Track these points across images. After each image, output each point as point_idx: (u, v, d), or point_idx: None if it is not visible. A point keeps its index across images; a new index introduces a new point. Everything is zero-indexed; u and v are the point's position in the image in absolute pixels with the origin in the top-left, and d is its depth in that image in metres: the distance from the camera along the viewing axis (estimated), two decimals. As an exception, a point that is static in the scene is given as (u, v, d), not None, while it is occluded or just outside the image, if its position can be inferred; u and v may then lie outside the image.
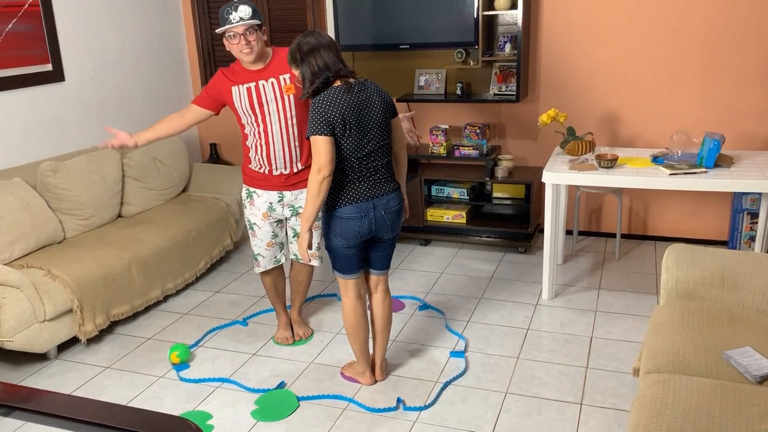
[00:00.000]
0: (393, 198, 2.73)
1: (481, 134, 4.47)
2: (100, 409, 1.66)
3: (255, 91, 2.97)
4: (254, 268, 3.30)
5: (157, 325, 3.66)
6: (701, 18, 4.11)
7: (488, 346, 3.30)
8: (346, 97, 2.57)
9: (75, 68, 4.26)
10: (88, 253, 3.52)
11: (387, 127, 2.70)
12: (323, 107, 2.54)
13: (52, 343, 3.24)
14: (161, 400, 2.95)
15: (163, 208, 4.30)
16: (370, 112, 2.63)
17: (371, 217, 2.68)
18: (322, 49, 2.58)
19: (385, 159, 2.70)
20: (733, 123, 4.22)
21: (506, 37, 4.43)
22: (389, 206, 2.72)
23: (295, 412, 2.82)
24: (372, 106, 2.63)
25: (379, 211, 2.70)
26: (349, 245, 2.73)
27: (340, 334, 3.47)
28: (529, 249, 4.51)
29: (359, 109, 2.59)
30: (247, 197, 3.18)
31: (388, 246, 2.84)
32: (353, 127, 2.58)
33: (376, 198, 2.69)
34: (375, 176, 2.68)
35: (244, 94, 2.98)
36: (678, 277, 2.69)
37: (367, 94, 2.63)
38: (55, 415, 1.61)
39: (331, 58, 2.58)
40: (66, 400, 1.73)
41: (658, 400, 2.03)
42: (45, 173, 3.70)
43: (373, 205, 2.68)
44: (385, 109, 2.69)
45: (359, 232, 2.69)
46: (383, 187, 2.71)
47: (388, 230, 2.76)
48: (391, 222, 2.75)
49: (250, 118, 3.02)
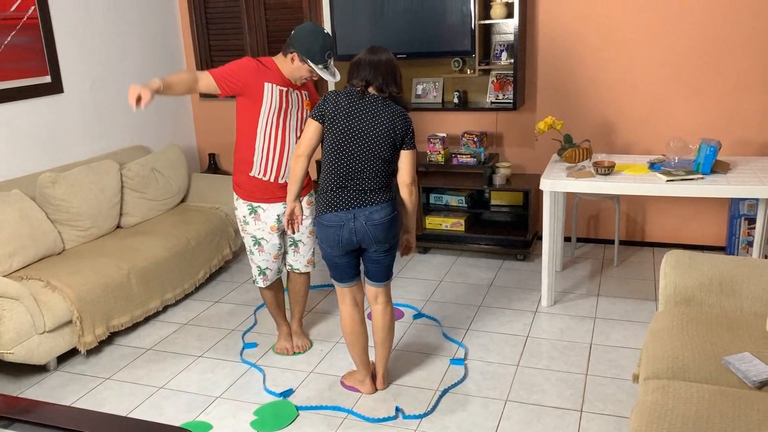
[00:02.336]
0: (378, 210, 2.68)
1: (478, 142, 4.48)
2: (102, 421, 1.66)
3: (285, 96, 3.01)
4: (260, 283, 3.26)
5: (156, 336, 3.66)
6: (697, 26, 4.14)
7: (488, 354, 3.30)
8: (354, 100, 2.68)
9: (74, 80, 4.28)
10: (87, 264, 3.52)
11: (385, 147, 2.68)
12: (326, 98, 2.71)
13: (52, 355, 3.24)
14: (162, 411, 2.95)
15: (162, 218, 4.31)
16: (370, 126, 2.66)
17: (351, 227, 2.67)
18: (380, 66, 2.70)
19: (374, 171, 2.68)
20: (729, 129, 4.24)
21: (503, 46, 4.46)
22: (372, 218, 2.68)
23: (294, 421, 2.82)
24: (375, 122, 2.67)
25: (360, 221, 2.67)
26: (334, 253, 2.76)
27: (340, 343, 3.47)
28: (528, 256, 4.52)
29: (360, 115, 2.67)
30: (250, 213, 3.13)
31: (381, 258, 2.79)
32: (344, 126, 2.66)
33: (358, 208, 2.67)
34: (359, 186, 2.68)
35: (276, 95, 2.98)
36: (676, 283, 2.70)
37: (378, 110, 2.68)
38: (56, 427, 1.61)
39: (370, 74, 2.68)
40: (67, 412, 1.73)
41: (658, 407, 2.03)
42: (44, 185, 3.71)
43: (353, 215, 2.67)
44: (392, 131, 2.67)
45: (339, 241, 2.70)
46: (368, 198, 2.68)
47: (372, 242, 2.71)
48: (374, 234, 2.69)
49: (272, 119, 3.00)
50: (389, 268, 2.85)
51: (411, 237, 2.92)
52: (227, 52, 5.18)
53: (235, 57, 5.09)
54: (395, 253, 2.85)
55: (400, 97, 2.75)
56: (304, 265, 3.29)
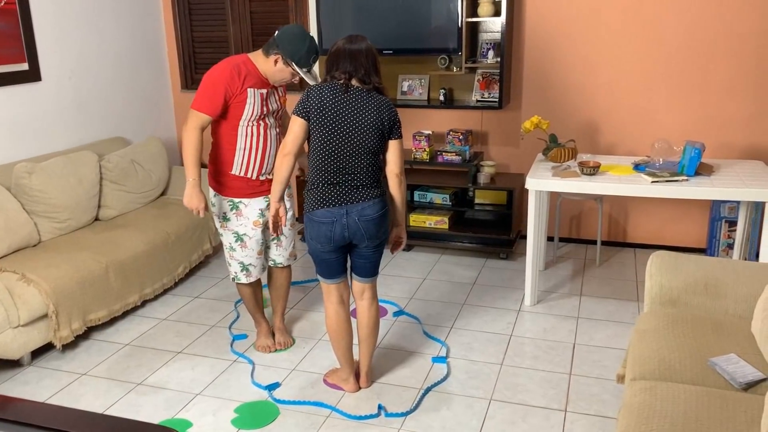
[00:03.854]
0: (371, 206, 2.66)
1: (464, 140, 4.46)
2: (79, 419, 1.60)
3: (266, 98, 2.98)
4: (242, 279, 3.18)
5: (135, 331, 3.59)
6: (681, 29, 4.16)
7: (471, 353, 3.28)
8: (338, 94, 2.60)
9: (52, 68, 4.18)
10: (64, 256, 3.43)
11: (374, 140, 2.64)
12: (311, 92, 2.62)
13: (26, 350, 3.15)
14: (140, 408, 2.88)
15: (142, 211, 4.23)
16: (357, 120, 2.60)
17: (343, 223, 2.64)
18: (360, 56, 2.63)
19: (364, 165, 2.64)
20: (711, 132, 4.27)
21: (489, 44, 4.44)
22: (364, 214, 2.65)
23: (276, 420, 2.78)
24: (362, 115, 2.61)
25: (353, 217, 2.64)
26: (324, 249, 2.70)
27: (323, 340, 3.43)
28: (511, 255, 4.52)
29: (346, 109, 2.60)
30: (231, 209, 3.08)
31: (370, 254, 2.76)
32: (331, 122, 2.60)
33: (350, 204, 2.64)
34: (351, 182, 2.64)
35: (257, 99, 2.95)
36: (662, 284, 2.70)
37: (363, 102, 2.62)
38: (32, 424, 1.55)
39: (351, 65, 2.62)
40: (43, 409, 1.67)
41: (646, 407, 2.02)
42: (20, 175, 3.61)
43: (346, 211, 2.63)
44: (379, 122, 2.63)
45: (331, 237, 2.66)
46: (360, 194, 2.65)
47: (363, 238, 2.68)
48: (367, 230, 2.67)
49: (254, 121, 2.96)
50: (377, 263, 2.82)
51: (401, 231, 2.89)
52: (210, 44, 5.10)
53: (218, 49, 5.05)
54: (383, 249, 2.82)
55: (383, 87, 2.70)
56: (287, 258, 3.24)
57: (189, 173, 2.95)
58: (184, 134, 2.93)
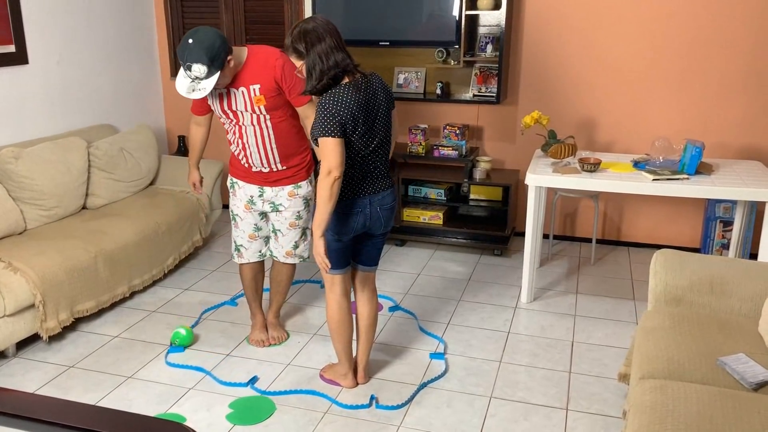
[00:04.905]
0: (388, 195, 2.66)
1: (460, 135, 4.42)
2: (75, 411, 1.52)
3: (226, 97, 2.86)
4: (234, 258, 3.20)
5: (123, 323, 3.49)
6: (681, 28, 4.14)
7: (470, 350, 3.23)
8: (356, 96, 2.43)
9: (40, 51, 4.05)
10: (51, 245, 3.32)
11: (389, 121, 2.61)
12: (334, 108, 2.38)
13: (12, 341, 3.05)
14: (131, 402, 2.79)
15: (130, 200, 4.12)
16: (377, 109, 2.53)
17: (367, 213, 2.61)
18: (327, 37, 2.42)
19: (384, 155, 2.64)
20: (710, 131, 4.27)
21: (488, 38, 4.39)
22: (384, 203, 2.65)
23: (273, 415, 2.71)
24: (378, 102, 2.53)
25: (375, 207, 2.63)
26: (340, 239, 2.64)
27: (318, 335, 3.36)
28: (505, 252, 4.48)
29: (367, 107, 2.47)
30: (230, 187, 3.12)
31: (379, 241, 2.76)
32: (362, 126, 2.46)
33: (372, 195, 2.61)
34: (374, 173, 2.61)
35: (215, 98, 2.88)
36: (666, 283, 2.67)
37: (373, 91, 2.52)
38: (24, 417, 1.46)
39: (340, 54, 2.43)
40: (38, 400, 1.58)
41: (659, 407, 1.99)
42: (6, 160, 3.49)
43: (369, 201, 2.60)
44: (388, 103, 2.60)
45: (353, 227, 2.62)
46: (380, 184, 2.63)
47: (380, 226, 2.69)
48: (385, 219, 2.68)
49: (224, 118, 2.93)
50: (381, 251, 2.84)
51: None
52: (202, 31, 4.98)
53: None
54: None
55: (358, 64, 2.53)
56: (283, 256, 3.16)
57: (189, 158, 3.27)
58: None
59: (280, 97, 2.83)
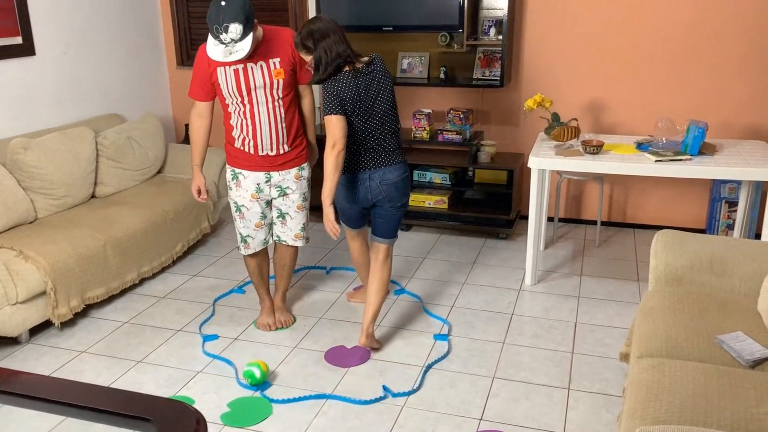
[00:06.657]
0: (391, 170, 2.90)
1: (464, 119, 4.43)
2: (90, 392, 1.57)
3: (243, 74, 2.88)
4: (241, 250, 3.20)
5: (133, 309, 3.56)
6: (684, 9, 4.12)
7: (473, 331, 3.27)
8: (354, 81, 2.77)
9: (46, 43, 4.09)
10: (61, 233, 3.39)
11: (393, 103, 2.89)
12: (335, 90, 2.75)
13: (25, 327, 3.12)
14: (141, 385, 2.86)
15: (138, 189, 4.18)
16: (379, 91, 2.82)
17: (366, 186, 2.90)
18: (331, 34, 2.75)
19: (390, 132, 2.89)
20: (713, 112, 4.25)
21: (491, 22, 4.39)
22: (386, 178, 2.89)
23: (266, 419, 2.70)
24: (380, 84, 2.83)
25: (375, 182, 2.89)
26: (349, 207, 3.02)
27: (324, 318, 3.42)
28: (510, 235, 4.50)
29: (366, 90, 2.80)
30: (232, 178, 3.09)
31: (390, 216, 2.99)
32: (361, 107, 2.79)
33: (373, 170, 2.88)
34: (377, 149, 2.87)
35: (231, 77, 2.88)
36: (667, 263, 2.69)
37: (374, 75, 2.82)
38: (42, 399, 1.52)
39: (342, 46, 2.76)
40: (52, 382, 1.64)
41: (655, 384, 2.02)
42: (16, 150, 3.55)
43: (369, 176, 2.88)
44: (391, 87, 2.89)
45: (355, 198, 2.95)
46: (382, 160, 2.88)
47: (385, 201, 2.93)
48: (388, 193, 2.91)
49: (236, 99, 2.93)
50: (395, 226, 3.05)
51: None
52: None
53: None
54: (404, 212, 3.03)
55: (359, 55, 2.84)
56: (292, 239, 3.21)
57: (192, 159, 3.14)
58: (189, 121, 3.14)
59: (293, 76, 2.98)
